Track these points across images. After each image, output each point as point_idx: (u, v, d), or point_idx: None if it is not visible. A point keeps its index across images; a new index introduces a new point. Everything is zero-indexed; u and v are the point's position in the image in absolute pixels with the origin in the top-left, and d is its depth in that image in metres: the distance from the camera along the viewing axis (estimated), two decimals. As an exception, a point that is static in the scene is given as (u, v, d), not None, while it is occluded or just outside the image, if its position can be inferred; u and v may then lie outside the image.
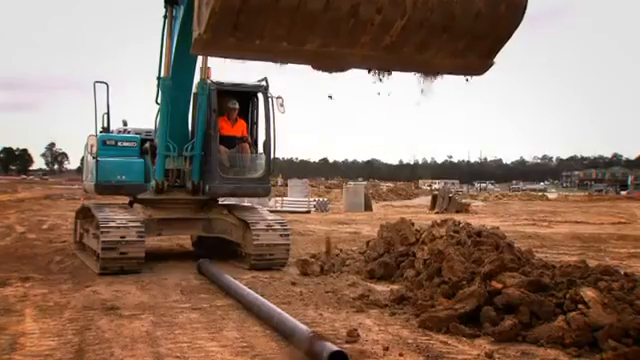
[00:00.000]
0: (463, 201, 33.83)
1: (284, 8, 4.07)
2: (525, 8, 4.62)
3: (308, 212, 27.46)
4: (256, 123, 10.75)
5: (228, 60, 4.73)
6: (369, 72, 4.94)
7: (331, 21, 4.24)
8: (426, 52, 4.64)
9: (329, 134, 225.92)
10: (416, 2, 4.29)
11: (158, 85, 9.51)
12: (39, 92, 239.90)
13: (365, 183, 47.49)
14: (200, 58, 9.20)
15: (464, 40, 4.63)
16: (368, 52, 4.53)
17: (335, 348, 4.68)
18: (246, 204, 12.65)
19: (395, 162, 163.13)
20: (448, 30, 4.50)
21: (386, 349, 5.27)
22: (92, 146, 10.12)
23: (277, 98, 10.16)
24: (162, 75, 9.34)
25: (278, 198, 30.23)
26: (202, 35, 4.21)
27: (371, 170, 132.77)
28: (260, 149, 10.60)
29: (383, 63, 4.75)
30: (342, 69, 4.79)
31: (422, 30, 4.44)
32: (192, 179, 10.02)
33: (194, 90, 9.81)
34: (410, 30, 4.41)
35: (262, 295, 7.09)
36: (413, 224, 10.23)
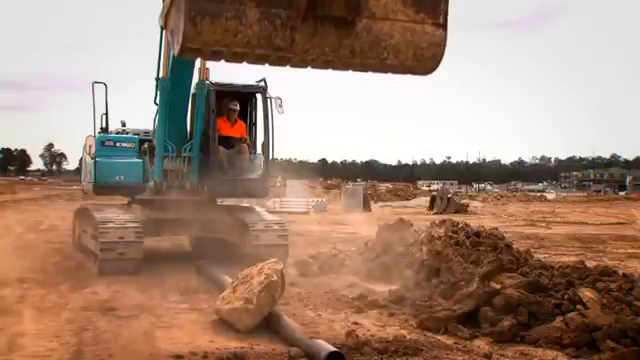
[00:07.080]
0: (462, 202, 33.86)
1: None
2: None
3: (307, 213, 27.45)
4: (255, 124, 10.73)
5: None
6: None
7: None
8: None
9: (328, 134, 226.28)
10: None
11: (157, 86, 9.50)
12: (38, 92, 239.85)
13: (364, 184, 47.47)
14: (198, 59, 9.18)
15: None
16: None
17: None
18: (245, 205, 12.63)
19: (394, 163, 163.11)
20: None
21: (384, 350, 5.26)
22: (90, 147, 10.11)
23: (276, 99, 10.15)
24: (161, 76, 9.34)
25: (277, 199, 30.20)
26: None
27: (370, 171, 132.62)
28: (259, 150, 10.59)
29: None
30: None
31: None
32: (191, 180, 10.01)
33: (192, 91, 9.81)
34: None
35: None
36: (412, 225, 10.23)
